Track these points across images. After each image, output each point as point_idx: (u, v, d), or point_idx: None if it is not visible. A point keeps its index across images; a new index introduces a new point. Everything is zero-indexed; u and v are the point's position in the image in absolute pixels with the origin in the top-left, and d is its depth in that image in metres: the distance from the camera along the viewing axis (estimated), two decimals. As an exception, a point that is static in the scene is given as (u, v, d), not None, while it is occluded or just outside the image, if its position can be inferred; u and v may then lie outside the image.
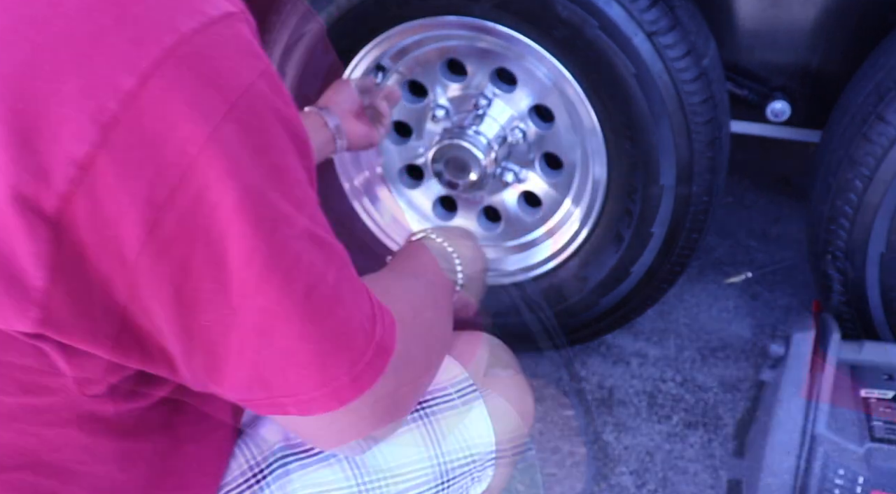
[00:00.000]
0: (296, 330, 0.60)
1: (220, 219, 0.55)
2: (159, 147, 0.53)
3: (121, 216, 0.54)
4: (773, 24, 1.54)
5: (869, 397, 1.26)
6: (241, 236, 0.56)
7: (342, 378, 0.62)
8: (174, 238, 0.55)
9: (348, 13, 1.49)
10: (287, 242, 0.58)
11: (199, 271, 0.57)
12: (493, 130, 1.54)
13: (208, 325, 0.59)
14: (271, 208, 0.57)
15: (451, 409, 0.89)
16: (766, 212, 2.26)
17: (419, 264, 0.94)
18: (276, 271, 0.58)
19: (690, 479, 1.50)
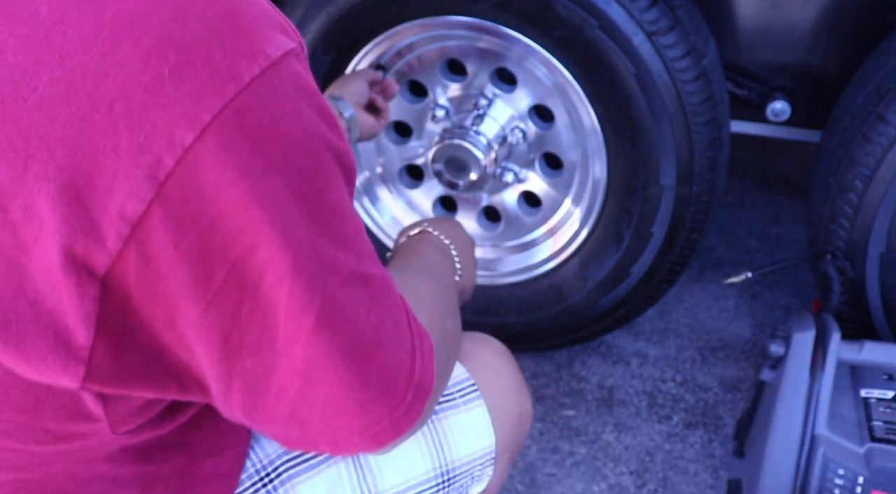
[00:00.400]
0: (338, 380, 0.60)
1: (272, 274, 0.55)
2: (211, 202, 0.52)
3: (171, 271, 0.53)
4: (774, 24, 1.54)
5: (869, 397, 1.26)
6: (292, 294, 0.56)
7: (383, 422, 0.62)
8: (224, 291, 0.55)
9: (348, 13, 1.49)
10: (335, 293, 0.58)
11: (247, 321, 0.56)
12: (493, 130, 1.54)
13: (252, 368, 0.58)
14: (320, 260, 0.57)
15: (453, 408, 0.89)
16: (766, 212, 2.26)
17: (431, 263, 0.94)
18: (323, 326, 0.58)
19: (690, 479, 1.50)
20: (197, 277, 0.54)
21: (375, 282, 0.62)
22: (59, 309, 0.53)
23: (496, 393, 0.91)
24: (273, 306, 0.56)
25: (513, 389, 0.94)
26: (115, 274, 0.53)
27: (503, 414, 0.91)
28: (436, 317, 0.76)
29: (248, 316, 0.56)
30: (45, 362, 0.54)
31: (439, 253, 0.97)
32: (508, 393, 0.93)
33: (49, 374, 0.55)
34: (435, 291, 0.83)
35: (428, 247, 0.97)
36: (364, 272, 0.61)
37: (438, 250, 0.97)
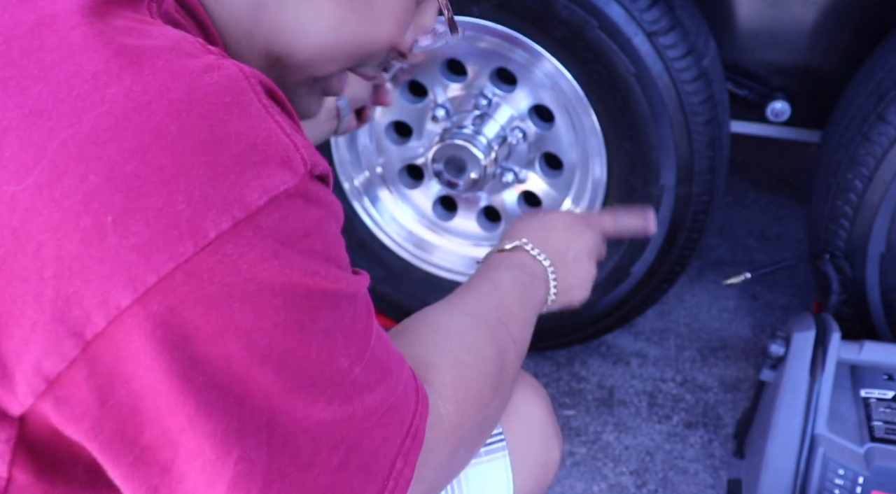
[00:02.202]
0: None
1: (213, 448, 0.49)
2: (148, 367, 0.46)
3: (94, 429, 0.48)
4: (774, 25, 1.54)
5: (869, 397, 1.26)
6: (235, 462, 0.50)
7: None
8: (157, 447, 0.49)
9: (348, 13, 1.49)
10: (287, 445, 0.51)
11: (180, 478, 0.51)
12: (492, 130, 1.54)
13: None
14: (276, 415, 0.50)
15: (474, 461, 0.80)
16: (766, 212, 2.26)
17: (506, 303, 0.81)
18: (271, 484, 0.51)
19: (691, 479, 1.50)
20: (124, 434, 0.48)
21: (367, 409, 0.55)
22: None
23: (522, 441, 0.83)
24: (212, 474, 0.50)
25: (540, 437, 0.84)
26: (31, 423, 0.48)
27: (527, 465, 0.83)
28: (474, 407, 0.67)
29: (180, 475, 0.50)
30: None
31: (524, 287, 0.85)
32: (536, 442, 0.84)
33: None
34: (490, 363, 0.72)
35: (511, 277, 0.84)
36: (349, 407, 0.54)
37: (526, 279, 0.85)
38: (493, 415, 0.73)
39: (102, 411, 0.47)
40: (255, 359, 0.48)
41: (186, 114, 0.45)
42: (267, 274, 0.47)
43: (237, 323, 0.46)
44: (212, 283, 0.45)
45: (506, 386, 0.75)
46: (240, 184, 0.46)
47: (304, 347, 0.50)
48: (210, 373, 0.47)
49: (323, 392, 0.51)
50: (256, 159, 0.47)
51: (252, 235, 0.46)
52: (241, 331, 0.47)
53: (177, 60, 0.48)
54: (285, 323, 0.48)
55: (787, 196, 2.33)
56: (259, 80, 0.51)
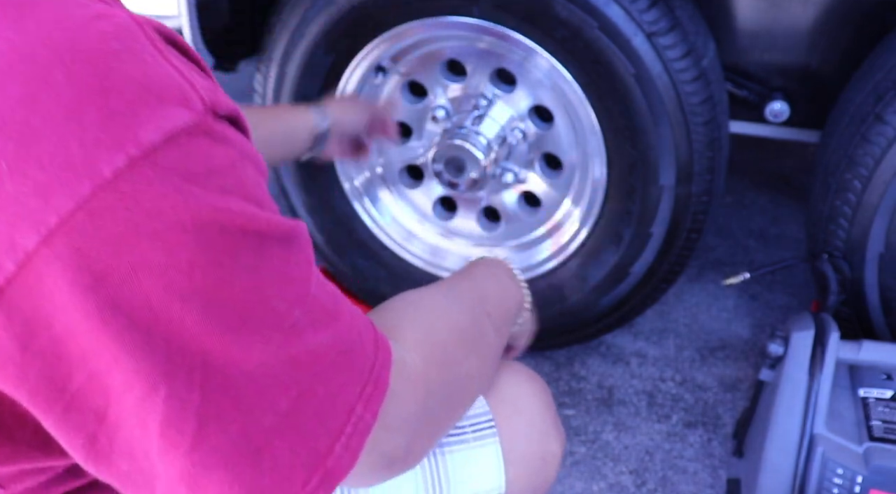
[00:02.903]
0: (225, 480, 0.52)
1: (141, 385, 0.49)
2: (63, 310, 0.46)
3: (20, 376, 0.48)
4: (773, 25, 1.54)
5: (867, 396, 1.26)
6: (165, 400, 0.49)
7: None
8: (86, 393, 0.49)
9: (348, 13, 1.50)
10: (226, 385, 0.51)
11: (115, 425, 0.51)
12: (492, 131, 1.55)
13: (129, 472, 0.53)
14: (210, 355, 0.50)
15: (461, 444, 0.80)
16: (765, 212, 2.27)
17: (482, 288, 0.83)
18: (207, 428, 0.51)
19: (690, 478, 1.50)
20: (51, 379, 0.48)
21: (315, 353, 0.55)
22: None
23: (516, 430, 0.82)
24: (146, 415, 0.50)
25: (537, 428, 0.84)
26: None
27: (520, 455, 0.82)
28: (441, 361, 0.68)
29: (115, 422, 0.50)
30: None
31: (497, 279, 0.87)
32: (531, 433, 0.83)
33: None
34: (460, 328, 0.73)
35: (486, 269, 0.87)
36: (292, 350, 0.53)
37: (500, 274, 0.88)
38: (470, 379, 0.73)
39: (26, 357, 0.47)
40: (175, 298, 0.48)
41: (72, 62, 0.46)
42: (172, 211, 0.47)
43: (149, 262, 0.47)
44: (115, 222, 0.45)
45: (482, 354, 0.76)
46: (134, 124, 0.46)
47: (228, 286, 0.50)
48: (129, 314, 0.47)
49: (258, 333, 0.51)
50: (150, 100, 0.47)
51: (151, 173, 0.46)
52: (154, 270, 0.47)
53: (63, 9, 0.47)
54: (202, 261, 0.48)
55: (787, 196, 2.33)
56: (155, 27, 0.51)
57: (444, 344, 0.70)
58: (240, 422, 0.52)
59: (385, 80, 1.60)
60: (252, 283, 0.51)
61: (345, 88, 1.59)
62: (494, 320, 0.80)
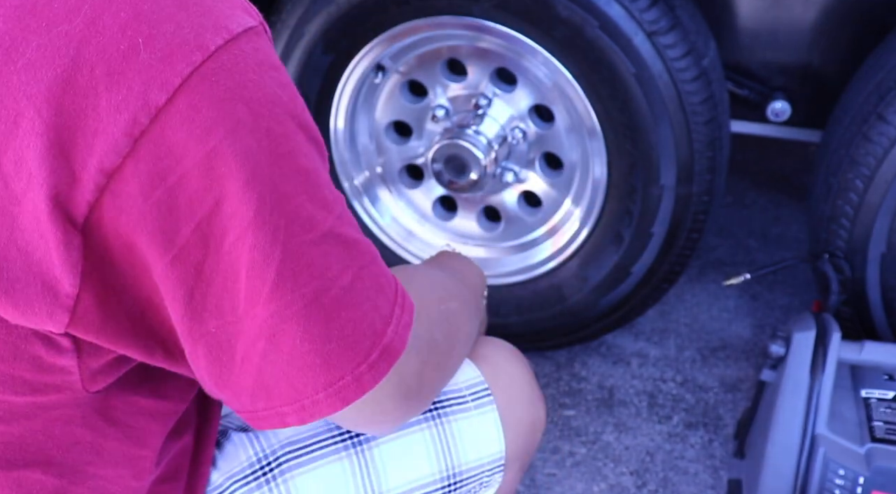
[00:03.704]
0: (300, 332, 0.61)
1: (236, 229, 0.58)
2: (179, 159, 0.56)
3: (140, 222, 0.57)
4: (774, 24, 1.54)
5: (869, 397, 1.26)
6: (254, 247, 0.58)
7: (346, 377, 0.63)
8: (191, 244, 0.58)
9: (348, 13, 1.49)
10: (302, 249, 0.60)
11: (209, 279, 0.59)
12: (493, 130, 1.54)
13: (215, 332, 0.60)
14: (290, 215, 0.59)
15: (463, 412, 0.87)
16: (766, 212, 2.26)
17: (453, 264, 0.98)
18: (287, 280, 0.60)
19: (691, 479, 1.50)
20: (164, 230, 0.57)
21: (358, 247, 0.65)
22: (47, 258, 0.57)
23: (510, 399, 0.90)
24: (235, 264, 0.58)
25: (527, 397, 0.92)
26: (93, 224, 0.57)
27: (515, 421, 0.90)
28: (432, 298, 0.78)
29: (210, 275, 0.59)
30: (32, 308, 0.58)
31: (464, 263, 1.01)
32: (523, 401, 0.92)
33: (35, 320, 0.59)
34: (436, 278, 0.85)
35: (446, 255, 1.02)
36: (345, 234, 0.63)
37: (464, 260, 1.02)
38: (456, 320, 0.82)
39: (147, 205, 0.56)
40: (266, 155, 0.58)
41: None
42: (254, 86, 0.59)
43: (244, 121, 0.57)
44: (219, 86, 0.57)
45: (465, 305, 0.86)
46: (223, 16, 0.59)
47: (295, 157, 0.60)
48: (232, 162, 0.57)
49: (320, 205, 0.62)
50: (229, 4, 0.60)
51: (238, 52, 0.58)
52: (248, 129, 0.57)
53: None
54: (278, 131, 0.59)
55: (788, 196, 2.33)
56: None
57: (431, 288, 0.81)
58: (311, 286, 0.60)
59: (385, 80, 1.60)
60: (310, 165, 0.61)
61: (344, 88, 1.59)
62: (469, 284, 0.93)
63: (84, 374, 0.63)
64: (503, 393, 0.90)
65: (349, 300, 0.63)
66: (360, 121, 1.65)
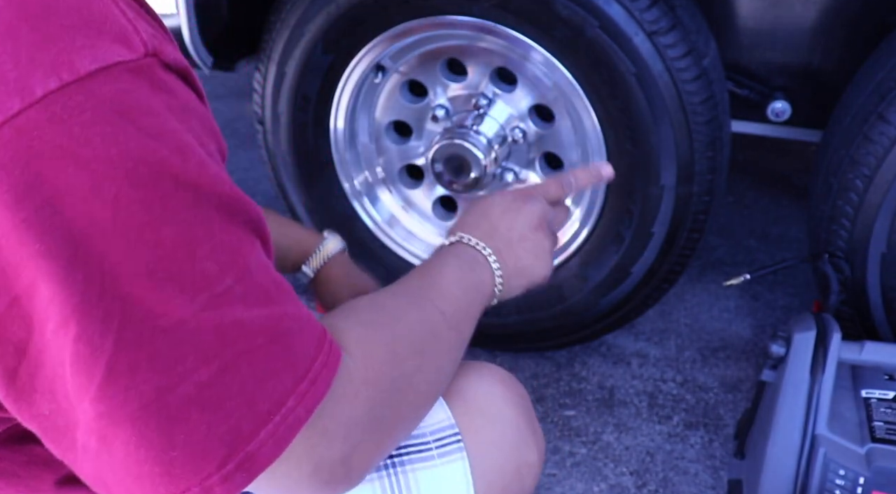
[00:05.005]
0: (135, 440, 0.51)
1: (56, 316, 0.48)
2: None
3: None
4: (774, 24, 1.54)
5: (870, 397, 1.26)
6: (78, 338, 0.48)
7: (191, 490, 0.53)
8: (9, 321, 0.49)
9: (348, 13, 1.49)
10: (144, 338, 0.50)
11: (35, 361, 0.50)
12: (493, 130, 1.54)
13: (50, 416, 0.52)
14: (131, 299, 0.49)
15: (425, 462, 0.75)
16: (766, 212, 2.26)
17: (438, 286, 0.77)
18: (118, 377, 0.50)
19: (691, 479, 1.50)
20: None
21: (244, 329, 0.53)
22: None
23: (486, 443, 0.77)
24: (60, 351, 0.49)
25: (510, 439, 0.78)
26: None
27: (491, 469, 0.77)
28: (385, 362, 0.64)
29: (37, 356, 0.50)
30: None
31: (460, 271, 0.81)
32: (503, 445, 0.78)
33: None
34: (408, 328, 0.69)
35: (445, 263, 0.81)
36: (218, 317, 0.52)
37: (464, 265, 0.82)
38: (419, 382, 0.68)
39: None
40: (98, 229, 0.48)
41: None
42: (101, 141, 0.47)
43: (75, 187, 0.47)
44: (43, 141, 0.46)
45: (433, 353, 0.70)
46: (69, 50, 0.47)
47: (154, 231, 0.49)
48: (53, 235, 0.47)
49: (183, 288, 0.50)
50: (89, 31, 0.48)
51: (83, 99, 0.47)
52: (79, 196, 0.47)
53: None
54: (129, 198, 0.48)
55: (788, 196, 2.33)
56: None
57: (386, 344, 0.66)
58: (152, 383, 0.50)
59: (385, 80, 1.60)
60: (182, 236, 0.50)
61: (344, 88, 1.59)
62: (450, 318, 0.74)
63: None
64: (477, 436, 0.76)
65: (205, 398, 0.52)
66: (360, 121, 1.65)
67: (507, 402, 0.79)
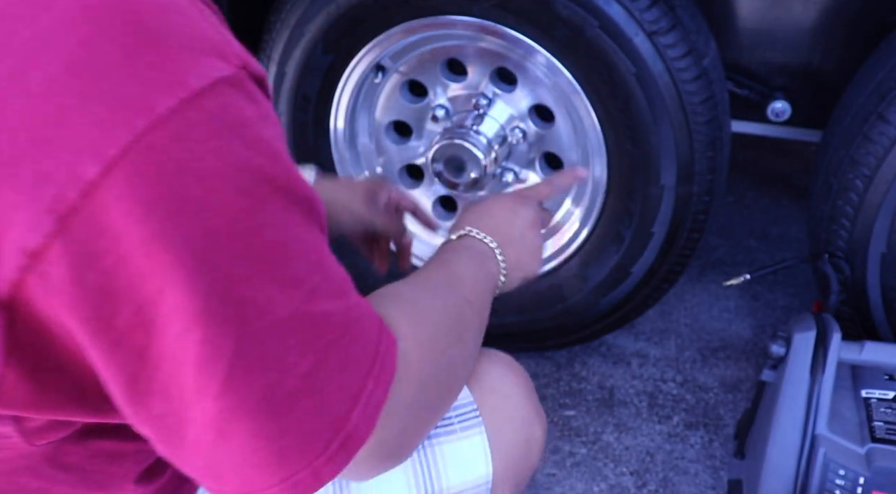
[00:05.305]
0: (252, 430, 0.55)
1: (181, 321, 0.51)
2: (115, 241, 0.49)
3: (73, 307, 0.51)
4: (774, 24, 1.54)
5: (870, 397, 1.26)
6: (203, 342, 0.52)
7: (301, 473, 0.58)
8: (130, 332, 0.52)
9: (348, 13, 1.49)
10: (257, 338, 0.54)
11: (155, 365, 0.53)
12: (493, 130, 1.54)
13: (162, 415, 0.55)
14: (245, 301, 0.53)
15: (448, 435, 0.82)
16: (766, 212, 2.26)
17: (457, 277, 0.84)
18: (238, 376, 0.54)
19: (691, 480, 1.50)
20: (100, 316, 0.51)
21: (329, 321, 0.58)
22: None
23: (500, 418, 0.85)
24: (182, 354, 0.52)
25: (520, 415, 0.86)
26: (19, 303, 0.50)
27: (506, 443, 0.85)
28: (433, 350, 0.70)
29: (156, 361, 0.53)
30: None
31: (476, 262, 0.88)
32: (514, 420, 0.86)
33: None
34: (445, 317, 0.76)
35: (460, 256, 0.88)
36: (313, 311, 0.57)
37: (475, 258, 0.88)
38: (457, 365, 0.75)
39: (80, 289, 0.50)
40: (216, 238, 0.51)
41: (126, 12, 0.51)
42: (214, 156, 0.51)
43: (194, 199, 0.50)
44: (167, 157, 0.49)
45: (465, 340, 0.77)
46: (181, 68, 0.50)
47: (259, 236, 0.53)
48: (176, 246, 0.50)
49: (284, 288, 0.55)
50: (195, 50, 0.52)
51: (196, 115, 0.50)
52: (198, 207, 0.50)
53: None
54: (238, 206, 0.52)
55: (788, 196, 2.33)
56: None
57: (432, 335, 0.71)
58: (267, 378, 0.54)
59: (384, 80, 1.60)
60: (279, 238, 0.55)
61: (344, 88, 1.59)
62: (474, 304, 0.82)
63: (26, 435, 0.59)
64: (493, 413, 0.84)
65: (308, 387, 0.57)
66: (360, 121, 1.65)
67: (516, 383, 0.88)
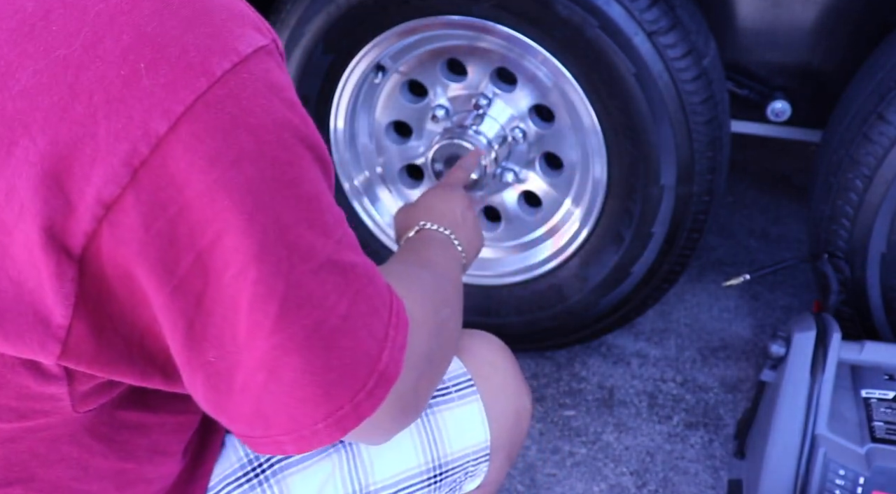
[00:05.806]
0: (302, 366, 0.60)
1: (238, 262, 0.56)
2: (180, 190, 0.54)
3: (140, 253, 0.55)
4: (774, 24, 1.54)
5: (870, 397, 1.26)
6: (257, 281, 0.57)
7: (345, 407, 0.63)
8: (190, 278, 0.56)
9: (348, 13, 1.49)
10: (302, 279, 0.59)
11: (209, 310, 0.57)
12: (493, 130, 1.54)
13: (214, 361, 0.59)
14: (292, 246, 0.58)
15: (448, 403, 0.88)
16: (766, 212, 2.26)
17: (428, 259, 0.95)
18: (289, 313, 0.58)
19: (691, 480, 1.50)
20: (164, 261, 0.56)
21: (355, 271, 0.63)
22: (39, 288, 0.55)
23: (493, 389, 0.91)
24: (236, 296, 0.57)
25: (511, 386, 0.93)
26: (90, 255, 0.55)
27: (499, 411, 0.91)
28: (428, 309, 0.77)
29: (210, 305, 0.57)
30: (23, 339, 0.57)
31: (439, 248, 0.98)
32: (506, 390, 0.92)
33: (26, 351, 0.57)
34: (429, 284, 0.83)
35: (425, 244, 0.98)
36: (343, 259, 0.62)
37: (438, 244, 0.98)
38: (449, 325, 0.82)
39: (147, 236, 0.55)
40: (269, 186, 0.57)
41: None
42: (262, 111, 0.57)
43: (248, 151, 0.56)
44: (224, 113, 0.55)
45: (451, 304, 0.84)
46: (232, 37, 0.57)
47: (300, 185, 0.59)
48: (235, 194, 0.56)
49: (321, 234, 0.61)
50: (240, 23, 0.59)
51: (247, 76, 0.57)
52: (252, 158, 0.56)
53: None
54: (284, 158, 0.58)
55: (788, 196, 2.33)
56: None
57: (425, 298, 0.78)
58: (313, 316, 0.60)
59: (385, 80, 1.60)
60: (314, 189, 0.61)
61: (344, 88, 1.59)
62: (452, 281, 0.91)
63: (74, 399, 0.62)
64: (486, 383, 0.91)
65: (346, 327, 0.62)
66: (360, 121, 1.65)
67: (504, 356, 0.95)
